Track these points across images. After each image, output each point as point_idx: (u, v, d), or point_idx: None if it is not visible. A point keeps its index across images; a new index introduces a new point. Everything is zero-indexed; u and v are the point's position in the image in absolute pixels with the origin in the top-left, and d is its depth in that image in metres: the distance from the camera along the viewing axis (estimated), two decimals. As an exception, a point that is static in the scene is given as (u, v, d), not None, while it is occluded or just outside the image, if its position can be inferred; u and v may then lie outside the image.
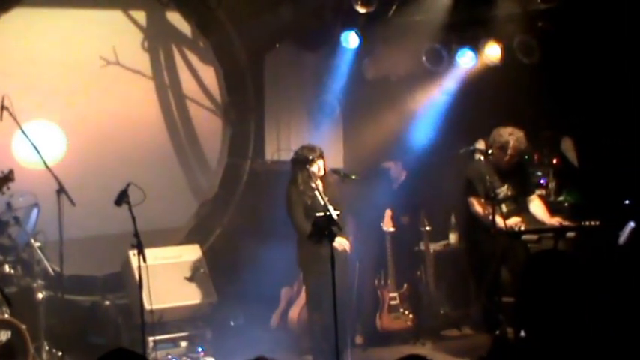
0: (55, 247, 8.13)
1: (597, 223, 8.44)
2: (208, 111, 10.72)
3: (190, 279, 9.20)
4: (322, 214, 7.92)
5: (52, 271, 8.30)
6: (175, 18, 10.39)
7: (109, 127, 9.93)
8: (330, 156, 8.86)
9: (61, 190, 8.12)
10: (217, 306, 9.36)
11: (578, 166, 10.08)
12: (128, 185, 7.74)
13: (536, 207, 9.03)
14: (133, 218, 7.56)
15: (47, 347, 8.19)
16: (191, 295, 9.19)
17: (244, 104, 10.75)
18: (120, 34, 10.04)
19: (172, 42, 10.44)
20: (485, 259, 8.82)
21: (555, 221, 8.77)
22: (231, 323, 9.81)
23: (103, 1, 9.93)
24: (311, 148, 8.52)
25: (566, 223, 8.71)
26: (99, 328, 9.13)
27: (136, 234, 7.58)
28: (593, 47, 9.50)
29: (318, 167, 8.48)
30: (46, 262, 8.25)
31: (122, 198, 7.66)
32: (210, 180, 10.78)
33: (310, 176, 8.32)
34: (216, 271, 9.53)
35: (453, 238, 10.61)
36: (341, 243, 8.44)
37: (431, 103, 10.51)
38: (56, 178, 8.16)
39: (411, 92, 10.62)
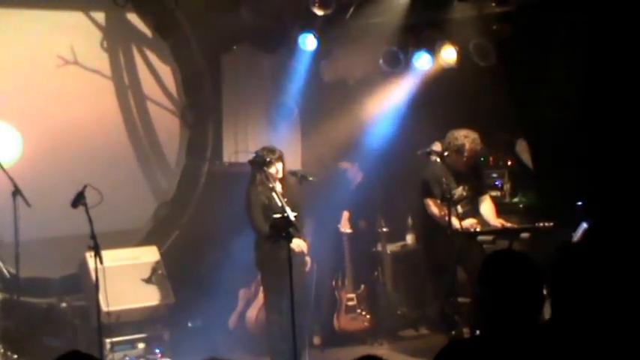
0: (10, 249, 8.06)
1: (551, 224, 8.52)
2: (168, 112, 10.62)
3: (148, 280, 9.06)
4: (279, 215, 7.86)
5: (7, 274, 8.24)
6: (135, 18, 10.28)
7: (67, 128, 9.77)
8: (287, 157, 8.82)
9: (16, 192, 8.03)
10: (175, 307, 9.24)
11: (533, 168, 10.09)
12: (85, 187, 7.67)
13: (485, 207, 9.09)
14: (90, 220, 7.49)
15: (2, 350, 8.08)
16: (149, 297, 9.06)
17: (202, 106, 10.66)
18: (78, 33, 9.86)
19: (132, 42, 10.32)
20: (441, 260, 8.87)
21: (498, 222, 8.87)
22: (189, 324, 9.70)
23: (61, 1, 9.79)
24: (271, 150, 8.46)
25: (508, 225, 8.84)
26: (55, 331, 8.98)
27: (93, 236, 7.51)
28: (546, 50, 9.54)
29: (276, 169, 8.42)
30: (1, 264, 8.20)
31: (79, 200, 7.60)
32: (170, 181, 10.68)
33: (268, 177, 8.24)
34: (174, 273, 9.41)
35: (409, 239, 10.56)
36: (298, 245, 8.43)
37: (387, 106, 10.47)
38: (11, 179, 8.08)
39: (368, 94, 10.57)
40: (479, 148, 8.87)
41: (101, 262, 7.60)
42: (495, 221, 8.90)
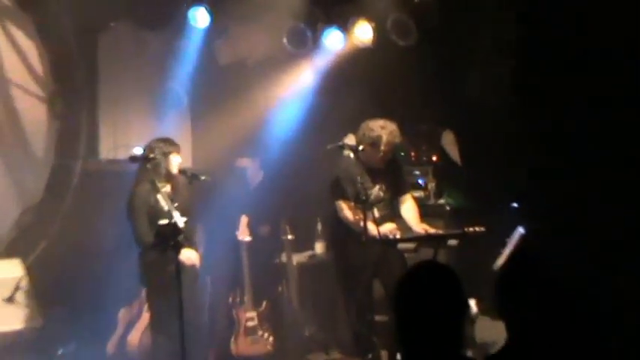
0: None
1: (482, 229, 8.54)
2: (36, 99, 10.40)
3: (10, 300, 8.93)
4: (166, 221, 7.74)
5: None
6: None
7: None
8: (176, 153, 8.63)
9: None
10: (43, 331, 9.10)
11: (461, 164, 10.15)
12: None
13: (407, 209, 9.07)
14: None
15: None
16: (11, 320, 8.92)
17: (74, 94, 10.44)
18: None
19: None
20: (355, 272, 8.79)
21: (422, 228, 8.83)
22: (60, 352, 9.43)
23: None
24: (168, 142, 8.45)
25: (433, 231, 8.80)
26: None
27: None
28: (475, 27, 9.66)
29: (173, 165, 8.40)
30: None
31: None
32: (36, 182, 10.46)
33: (160, 176, 8.24)
34: (42, 290, 9.28)
35: (319, 248, 10.53)
36: (189, 257, 8.35)
37: (293, 92, 10.51)
38: None
39: (270, 79, 10.57)
40: (397, 140, 8.80)
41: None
42: (418, 226, 8.87)
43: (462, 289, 3.75)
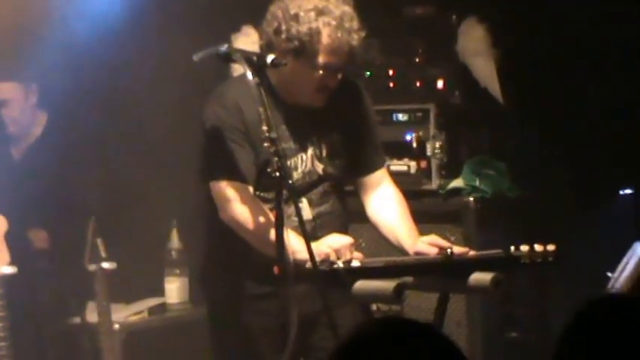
0: None
1: (553, 248, 6.93)
2: None
3: None
4: None
5: None
6: None
7: None
8: None
9: None
10: None
11: (504, 100, 8.90)
12: None
13: (383, 203, 7.60)
14: None
15: None
16: None
17: None
18: None
19: None
20: (258, 346, 7.32)
21: (427, 245, 7.26)
22: None
23: None
24: None
25: (459, 250, 7.19)
26: None
27: None
28: None
29: None
30: None
31: None
32: None
33: None
34: None
35: (174, 290, 9.28)
36: None
37: None
38: None
39: None
40: (356, 42, 7.21)
41: None
42: (416, 244, 7.17)
43: None
